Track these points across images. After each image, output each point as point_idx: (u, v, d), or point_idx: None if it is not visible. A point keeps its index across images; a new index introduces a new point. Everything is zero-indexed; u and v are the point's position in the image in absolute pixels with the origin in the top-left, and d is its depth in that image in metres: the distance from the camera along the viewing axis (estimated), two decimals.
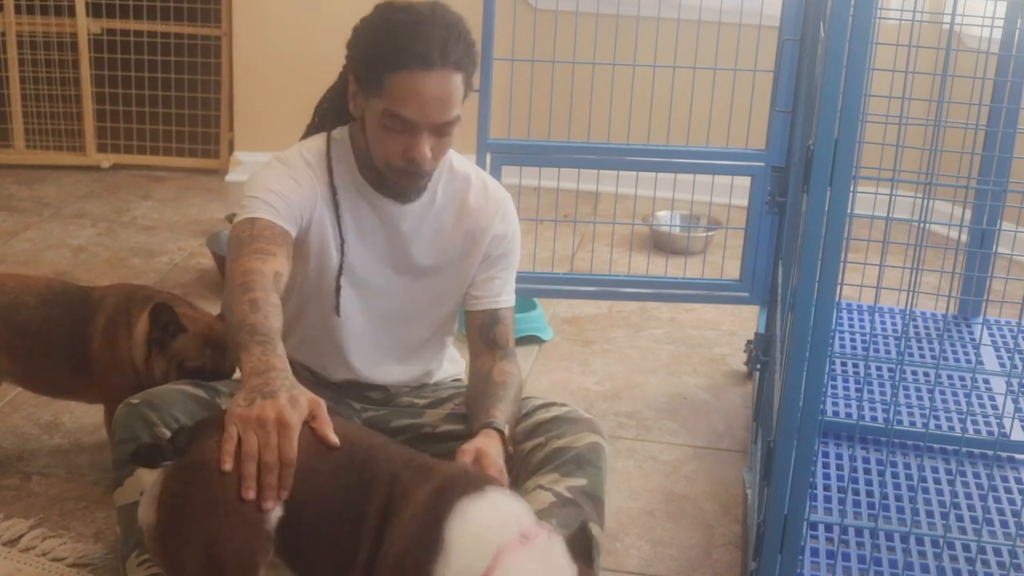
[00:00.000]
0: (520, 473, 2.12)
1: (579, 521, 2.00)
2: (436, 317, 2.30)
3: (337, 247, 2.18)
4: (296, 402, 1.73)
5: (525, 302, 3.32)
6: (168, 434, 2.02)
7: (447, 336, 2.35)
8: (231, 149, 4.60)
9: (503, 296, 2.27)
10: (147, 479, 2.01)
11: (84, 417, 2.74)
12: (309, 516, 1.73)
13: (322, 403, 1.78)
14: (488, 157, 3.07)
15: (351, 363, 2.28)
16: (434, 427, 2.23)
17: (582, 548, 1.68)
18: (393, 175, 2.09)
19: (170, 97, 4.49)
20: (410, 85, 1.97)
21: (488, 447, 1.96)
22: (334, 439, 1.75)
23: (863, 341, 3.04)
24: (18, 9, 4.40)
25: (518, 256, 2.30)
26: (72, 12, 4.40)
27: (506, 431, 2.03)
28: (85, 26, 4.42)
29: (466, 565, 1.61)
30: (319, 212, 2.15)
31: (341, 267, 2.19)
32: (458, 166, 2.23)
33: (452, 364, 2.42)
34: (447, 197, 2.21)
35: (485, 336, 2.24)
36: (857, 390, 2.75)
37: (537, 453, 2.11)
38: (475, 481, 1.73)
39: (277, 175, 2.11)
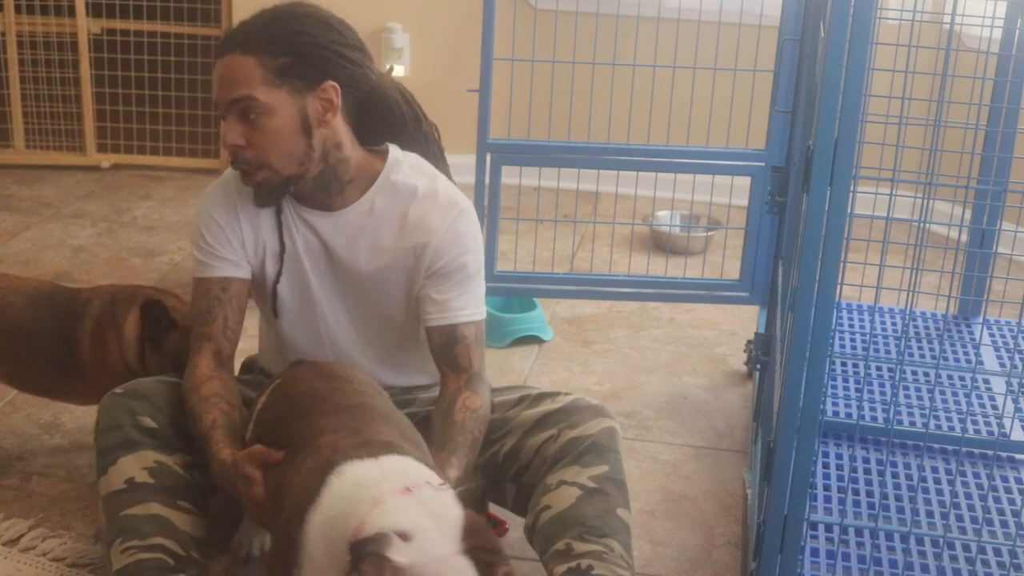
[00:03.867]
0: (534, 467, 2.11)
1: (609, 509, 2.00)
2: (394, 325, 2.25)
3: (277, 256, 2.19)
4: (248, 480, 1.91)
5: (525, 302, 3.32)
6: (152, 424, 2.05)
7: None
8: None
9: (458, 309, 2.16)
10: (130, 468, 2.02)
11: (84, 417, 2.74)
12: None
13: (255, 451, 1.93)
14: (488, 157, 3.06)
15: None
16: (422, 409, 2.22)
17: (472, 499, 1.68)
18: None
19: (170, 97, 4.49)
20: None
21: None
22: (277, 457, 1.89)
23: (863, 341, 3.03)
24: (18, 9, 4.40)
25: (476, 266, 2.18)
26: (72, 12, 4.39)
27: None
28: (85, 26, 4.42)
29: (339, 510, 1.63)
30: (248, 225, 2.18)
31: (279, 275, 2.21)
32: (402, 179, 2.16)
33: None
34: (387, 209, 2.16)
35: (446, 358, 2.15)
36: (857, 390, 2.75)
37: (551, 445, 2.09)
38: (372, 446, 1.76)
39: (200, 219, 2.20)
